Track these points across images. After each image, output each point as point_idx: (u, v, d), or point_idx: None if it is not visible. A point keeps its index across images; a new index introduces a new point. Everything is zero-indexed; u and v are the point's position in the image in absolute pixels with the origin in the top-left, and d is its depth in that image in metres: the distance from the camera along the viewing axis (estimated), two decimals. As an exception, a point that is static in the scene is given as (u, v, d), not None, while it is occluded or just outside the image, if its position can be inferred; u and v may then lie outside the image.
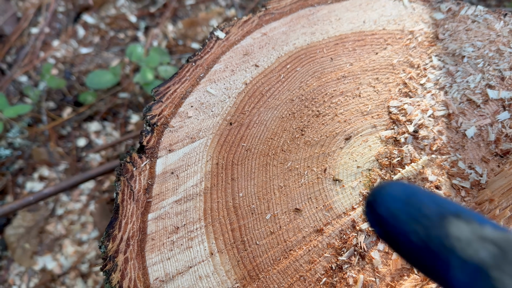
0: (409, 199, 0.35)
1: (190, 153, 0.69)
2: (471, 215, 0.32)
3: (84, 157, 1.68)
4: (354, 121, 0.72)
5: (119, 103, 1.77)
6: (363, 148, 0.70)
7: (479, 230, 0.31)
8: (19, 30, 2.05)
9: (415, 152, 0.68)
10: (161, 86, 0.75)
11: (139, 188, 0.66)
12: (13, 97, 1.84)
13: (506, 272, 0.28)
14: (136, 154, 0.69)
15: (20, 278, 1.47)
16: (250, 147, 0.70)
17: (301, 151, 0.70)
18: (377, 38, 0.80)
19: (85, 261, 1.47)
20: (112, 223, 0.64)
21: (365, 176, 0.68)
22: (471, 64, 0.76)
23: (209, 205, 0.66)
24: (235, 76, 0.76)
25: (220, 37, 0.81)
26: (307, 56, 0.78)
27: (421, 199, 0.35)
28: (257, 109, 0.73)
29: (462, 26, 0.81)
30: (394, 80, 0.76)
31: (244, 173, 0.68)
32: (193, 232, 0.64)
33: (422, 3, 0.85)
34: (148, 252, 0.62)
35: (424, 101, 0.73)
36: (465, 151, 0.69)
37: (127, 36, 1.99)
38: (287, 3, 0.86)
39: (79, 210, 1.58)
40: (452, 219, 0.32)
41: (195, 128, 0.71)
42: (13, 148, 1.71)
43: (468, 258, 0.30)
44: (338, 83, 0.76)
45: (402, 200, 0.35)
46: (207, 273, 0.61)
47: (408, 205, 0.35)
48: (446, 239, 0.31)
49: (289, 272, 0.61)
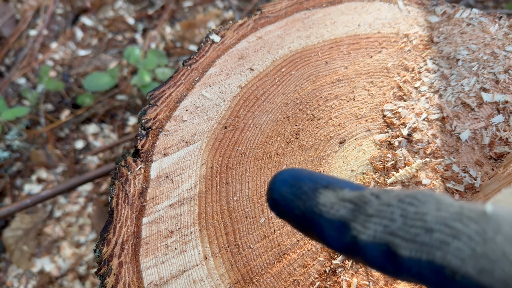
0: (294, 182, 0.42)
1: (184, 157, 0.70)
2: (337, 183, 0.40)
3: (82, 159, 1.68)
4: (349, 124, 0.72)
5: (117, 105, 1.78)
6: (357, 151, 0.71)
7: (340, 194, 0.39)
8: (17, 32, 2.05)
9: (409, 155, 0.68)
10: (156, 90, 0.75)
11: (134, 192, 0.66)
12: (11, 99, 1.85)
13: (359, 221, 0.35)
14: (131, 158, 0.69)
15: (18, 280, 1.47)
16: (244, 151, 0.70)
17: (295, 155, 0.70)
18: (372, 42, 0.81)
19: (83, 263, 1.48)
20: (107, 227, 0.64)
21: (359, 179, 0.68)
22: (465, 67, 0.76)
23: (204, 209, 0.66)
24: (230, 80, 0.77)
25: (216, 40, 0.81)
26: (302, 59, 0.79)
27: (303, 179, 0.42)
28: (252, 112, 0.73)
29: (457, 29, 0.81)
30: (388, 84, 0.76)
31: (238, 177, 0.68)
32: (187, 236, 0.64)
33: (417, 6, 0.85)
34: (143, 256, 0.62)
35: (418, 105, 0.73)
36: (459, 154, 0.69)
37: (125, 38, 2.00)
38: (283, 7, 0.86)
39: (77, 212, 1.58)
40: (321, 190, 0.40)
41: (190, 132, 0.71)
42: (11, 150, 1.72)
43: (332, 217, 0.37)
44: (332, 87, 0.76)
45: (289, 184, 0.42)
46: (201, 277, 0.61)
47: (293, 186, 0.42)
48: (316, 207, 0.39)
49: (283, 276, 0.61)
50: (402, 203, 0.35)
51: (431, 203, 0.34)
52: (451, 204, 0.33)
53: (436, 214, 0.33)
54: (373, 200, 0.36)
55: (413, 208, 0.34)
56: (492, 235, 0.30)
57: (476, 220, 0.31)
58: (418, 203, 0.34)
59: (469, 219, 0.31)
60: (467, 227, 0.31)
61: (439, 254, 0.31)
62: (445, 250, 0.31)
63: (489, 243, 0.30)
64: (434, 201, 0.34)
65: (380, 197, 0.36)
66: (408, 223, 0.33)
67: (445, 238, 0.31)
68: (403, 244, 0.33)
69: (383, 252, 0.34)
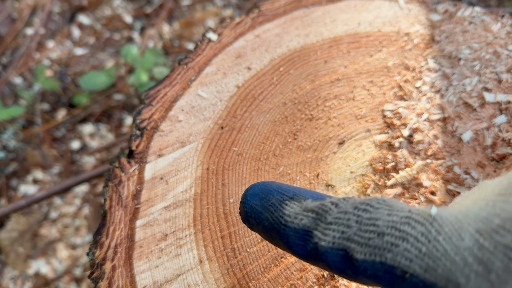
0: (264, 195, 0.46)
1: (180, 158, 0.68)
2: (302, 194, 0.44)
3: (79, 159, 1.66)
4: (348, 125, 0.71)
5: (113, 105, 1.76)
6: (356, 152, 0.69)
7: (304, 204, 0.42)
8: (14, 31, 2.04)
9: (409, 156, 0.67)
10: (151, 89, 0.74)
11: (128, 194, 0.65)
12: (7, 99, 1.83)
13: (320, 229, 0.38)
14: (125, 159, 0.68)
15: (14, 282, 1.46)
16: (241, 152, 0.69)
17: (293, 156, 0.69)
18: (372, 40, 0.79)
19: (79, 265, 1.46)
20: (100, 229, 0.62)
21: (359, 181, 0.67)
22: (467, 66, 0.75)
23: (199, 212, 0.64)
24: (227, 79, 0.75)
25: (212, 39, 0.79)
26: (300, 58, 0.77)
27: (271, 192, 0.45)
28: (249, 112, 0.72)
29: (459, 28, 0.80)
30: (389, 83, 0.74)
31: (235, 179, 0.67)
32: (182, 239, 0.62)
33: (418, 4, 0.84)
34: (136, 260, 0.61)
35: (419, 105, 0.71)
36: (461, 155, 0.68)
37: (123, 37, 1.98)
38: (281, 4, 0.84)
39: (73, 213, 1.56)
40: (287, 202, 0.43)
41: (186, 132, 0.70)
42: (7, 151, 1.70)
43: (297, 226, 0.40)
44: (332, 86, 0.74)
45: (259, 197, 0.46)
46: (196, 282, 0.59)
47: (262, 199, 0.45)
48: (282, 218, 0.42)
49: (280, 280, 0.60)
50: (357, 210, 0.38)
51: (383, 209, 0.37)
52: (401, 209, 0.36)
53: (387, 219, 0.35)
54: (332, 209, 0.39)
55: (367, 214, 0.37)
56: (435, 235, 0.33)
57: (422, 223, 0.34)
58: (372, 210, 0.37)
59: (416, 222, 0.34)
60: (414, 229, 0.34)
61: (390, 256, 0.33)
62: (395, 251, 0.33)
63: (432, 243, 0.32)
64: (386, 207, 0.37)
65: (339, 205, 0.39)
66: (363, 228, 0.36)
67: (395, 240, 0.34)
68: (358, 248, 0.35)
69: (341, 257, 0.36)
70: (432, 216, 0.34)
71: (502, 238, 0.30)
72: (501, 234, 0.30)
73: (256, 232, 0.48)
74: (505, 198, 0.33)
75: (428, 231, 0.33)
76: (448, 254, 0.31)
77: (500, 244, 0.30)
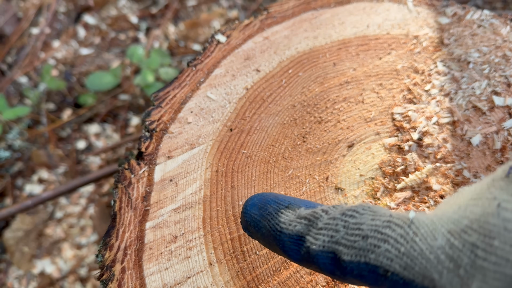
0: (262, 204, 0.50)
1: (189, 160, 0.68)
2: (296, 202, 0.48)
3: (84, 159, 1.67)
4: (357, 128, 0.71)
5: (119, 105, 1.76)
6: (366, 155, 0.69)
7: (298, 212, 0.46)
8: (19, 30, 2.04)
9: (419, 160, 0.67)
10: (160, 91, 0.74)
11: (137, 195, 0.65)
12: (13, 98, 1.83)
13: (311, 234, 0.42)
14: (135, 161, 0.68)
15: (18, 282, 1.46)
16: (250, 154, 0.69)
17: (302, 159, 0.69)
18: (381, 43, 0.79)
19: (84, 265, 1.46)
20: (109, 231, 0.62)
21: (368, 184, 0.67)
22: (476, 70, 0.75)
23: (208, 214, 0.64)
24: (236, 81, 0.75)
25: (221, 41, 0.80)
26: (309, 61, 0.77)
27: (269, 202, 0.49)
28: (258, 115, 0.72)
29: (468, 31, 0.80)
30: (398, 86, 0.74)
31: (244, 181, 0.67)
32: (191, 241, 0.62)
33: (427, 7, 0.83)
34: (146, 262, 0.61)
35: (428, 108, 0.71)
36: (470, 159, 0.68)
37: (128, 37, 1.98)
38: (290, 7, 0.84)
39: (79, 213, 1.56)
40: (283, 210, 0.47)
41: (195, 134, 0.70)
42: (12, 150, 1.70)
43: (291, 232, 0.44)
44: (341, 89, 0.74)
45: (258, 207, 0.50)
46: (205, 284, 0.59)
47: (261, 209, 0.49)
48: (278, 225, 0.46)
49: (290, 283, 0.60)
50: (344, 216, 0.41)
51: (368, 214, 0.40)
52: (383, 214, 0.39)
53: (371, 223, 0.38)
54: (323, 215, 0.43)
55: (353, 219, 0.40)
56: (413, 236, 0.36)
57: (401, 226, 0.37)
58: (357, 215, 0.40)
59: (396, 225, 0.37)
60: (394, 231, 0.37)
61: (373, 256, 0.37)
62: (377, 252, 0.36)
63: (410, 244, 0.35)
64: (370, 212, 0.40)
65: (328, 212, 0.43)
66: (349, 232, 0.39)
67: (377, 242, 0.37)
68: (345, 250, 0.39)
69: (331, 259, 0.40)
70: (410, 220, 0.37)
71: (469, 237, 0.33)
72: (469, 233, 0.33)
73: (256, 239, 0.52)
74: (475, 202, 0.36)
75: (406, 233, 0.36)
76: (423, 253, 0.34)
77: (467, 242, 0.33)
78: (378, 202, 0.65)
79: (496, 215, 0.33)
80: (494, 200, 0.34)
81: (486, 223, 0.33)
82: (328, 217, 0.42)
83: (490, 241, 0.32)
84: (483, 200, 0.36)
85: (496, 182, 0.37)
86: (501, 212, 0.33)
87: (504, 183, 0.36)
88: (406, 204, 0.64)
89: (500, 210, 0.33)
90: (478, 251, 0.32)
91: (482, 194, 0.36)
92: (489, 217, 0.33)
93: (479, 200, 0.36)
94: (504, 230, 0.32)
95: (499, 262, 0.31)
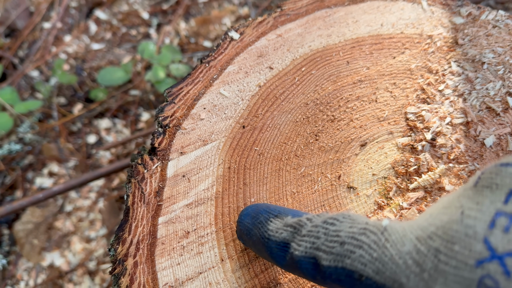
0: (255, 214, 0.53)
1: (202, 156, 0.68)
2: (284, 212, 0.51)
3: (94, 154, 1.67)
4: (370, 127, 0.71)
5: (130, 101, 1.77)
6: (379, 155, 0.69)
7: (285, 220, 0.49)
8: (31, 24, 2.05)
9: (432, 160, 0.67)
10: (173, 87, 0.74)
11: (150, 190, 0.65)
12: (24, 92, 1.84)
13: (296, 241, 0.45)
14: (148, 156, 0.68)
15: (28, 274, 1.47)
16: (263, 152, 0.69)
17: (315, 157, 0.69)
18: (395, 42, 0.79)
19: (92, 258, 1.47)
20: (122, 225, 0.63)
21: (381, 184, 0.67)
22: (491, 70, 0.74)
23: (220, 210, 0.64)
24: (249, 78, 0.75)
25: (234, 38, 0.80)
26: (322, 59, 0.77)
27: (261, 211, 0.53)
28: (270, 112, 0.72)
29: (483, 31, 0.79)
30: (411, 86, 0.74)
31: (256, 178, 0.67)
32: (203, 237, 0.63)
33: (441, 7, 0.83)
34: (158, 257, 0.61)
35: (442, 108, 0.71)
36: (484, 160, 0.67)
37: (139, 32, 1.99)
38: (303, 4, 0.84)
39: (88, 207, 1.57)
40: (272, 219, 0.50)
41: (208, 131, 0.70)
42: (23, 143, 1.72)
43: (278, 239, 0.47)
44: (354, 88, 0.74)
45: (251, 216, 0.54)
46: (217, 280, 0.60)
47: (253, 218, 0.53)
48: (266, 232, 0.49)
49: (301, 280, 0.60)
50: (326, 224, 0.44)
51: (347, 222, 0.43)
52: (361, 222, 0.42)
53: (348, 230, 0.41)
54: (307, 223, 0.46)
55: (333, 227, 0.43)
56: (384, 242, 0.38)
57: (375, 232, 0.39)
58: (337, 223, 0.43)
59: (371, 232, 0.40)
60: (368, 238, 0.39)
61: (348, 261, 0.39)
62: (353, 257, 0.39)
63: (381, 249, 0.38)
64: (349, 220, 0.43)
65: (312, 220, 0.46)
66: (329, 239, 0.42)
67: (353, 248, 0.39)
68: (324, 256, 0.41)
69: (312, 264, 0.42)
70: (384, 227, 0.39)
71: (434, 243, 0.35)
72: (433, 239, 0.36)
73: (249, 247, 0.56)
74: (445, 211, 0.38)
75: (379, 239, 0.38)
76: (393, 258, 0.37)
77: (432, 247, 0.35)
78: (391, 201, 0.65)
79: (460, 221, 0.35)
80: (460, 208, 0.36)
81: (449, 229, 0.35)
82: (311, 224, 0.45)
83: (452, 246, 0.34)
84: (451, 209, 0.38)
85: (465, 191, 0.39)
86: (464, 219, 0.35)
87: (471, 192, 0.38)
88: (418, 204, 0.64)
89: (463, 217, 0.35)
90: (440, 255, 0.34)
91: (452, 203, 0.39)
92: (453, 224, 0.35)
93: (448, 208, 0.38)
94: (465, 235, 0.34)
95: (459, 266, 0.33)
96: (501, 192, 0.35)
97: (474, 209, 0.35)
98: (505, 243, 0.32)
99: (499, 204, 0.34)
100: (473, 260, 0.32)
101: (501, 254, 0.31)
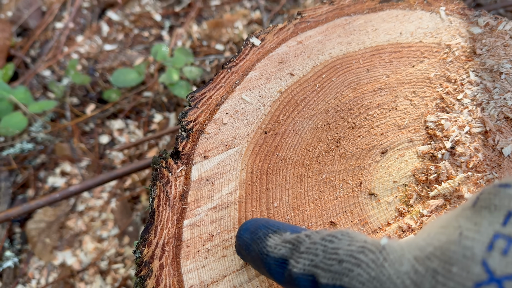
0: (254, 229, 0.53)
1: (225, 160, 0.69)
2: (283, 227, 0.51)
3: (107, 154, 1.69)
4: (391, 134, 0.72)
5: (142, 102, 1.78)
6: (399, 162, 0.70)
7: (284, 236, 0.49)
8: (43, 24, 2.07)
9: (451, 168, 0.68)
10: (196, 92, 0.75)
11: (175, 194, 0.67)
12: (36, 91, 1.86)
13: (294, 258, 0.45)
14: (172, 160, 0.69)
15: (39, 272, 1.49)
16: (285, 157, 0.70)
17: (336, 163, 0.70)
18: (414, 51, 0.80)
19: (104, 258, 1.48)
20: (148, 228, 0.64)
21: (401, 191, 0.68)
22: (509, 80, 0.75)
23: (244, 214, 0.66)
24: (270, 84, 0.76)
25: (256, 44, 0.81)
26: (342, 66, 0.78)
27: (260, 227, 0.53)
28: (292, 118, 0.73)
29: (500, 42, 0.80)
30: (431, 94, 0.75)
31: (278, 183, 0.68)
32: (228, 241, 0.64)
33: (459, 17, 0.84)
34: (183, 259, 0.62)
35: (461, 117, 0.72)
36: (502, 169, 0.69)
37: (151, 34, 2.00)
38: (323, 12, 0.85)
39: (100, 207, 1.59)
40: (271, 235, 0.50)
41: (230, 136, 0.71)
42: (35, 143, 1.73)
43: (276, 255, 0.47)
44: (374, 95, 0.75)
45: (250, 231, 0.53)
46: (241, 283, 0.61)
47: (252, 233, 0.53)
48: (265, 248, 0.49)
49: None
50: (324, 241, 0.44)
51: (345, 239, 0.43)
52: (359, 240, 0.42)
53: (347, 248, 0.41)
54: (305, 240, 0.46)
55: (332, 244, 0.43)
56: (382, 261, 0.38)
57: (374, 251, 0.39)
58: (336, 240, 0.43)
59: (369, 250, 0.40)
60: (366, 256, 0.39)
61: (347, 280, 0.39)
62: (351, 276, 0.39)
63: (379, 268, 0.38)
64: (348, 238, 0.43)
65: (311, 237, 0.46)
66: (327, 256, 0.42)
67: (351, 266, 0.39)
68: (322, 274, 0.41)
69: (310, 282, 0.42)
70: (382, 246, 0.40)
71: (431, 263, 0.36)
72: (432, 260, 0.36)
73: (247, 262, 0.56)
74: (443, 230, 0.39)
75: (377, 258, 0.39)
76: (391, 278, 0.37)
77: (429, 268, 0.35)
78: (411, 208, 0.66)
79: (458, 242, 0.35)
80: (458, 229, 0.37)
81: (447, 250, 0.35)
82: (310, 241, 0.45)
83: (450, 268, 0.34)
84: (449, 229, 0.38)
85: (464, 211, 0.39)
86: (462, 240, 0.35)
87: (470, 212, 0.38)
88: (438, 212, 0.65)
89: (461, 238, 0.35)
90: (438, 276, 0.34)
91: (450, 223, 0.39)
92: (451, 245, 0.36)
93: (446, 228, 0.39)
94: (462, 257, 0.34)
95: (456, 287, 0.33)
96: (500, 213, 0.36)
97: (472, 230, 0.35)
98: (503, 266, 0.32)
99: (498, 226, 0.35)
100: (471, 282, 0.33)
101: (499, 278, 0.32)
